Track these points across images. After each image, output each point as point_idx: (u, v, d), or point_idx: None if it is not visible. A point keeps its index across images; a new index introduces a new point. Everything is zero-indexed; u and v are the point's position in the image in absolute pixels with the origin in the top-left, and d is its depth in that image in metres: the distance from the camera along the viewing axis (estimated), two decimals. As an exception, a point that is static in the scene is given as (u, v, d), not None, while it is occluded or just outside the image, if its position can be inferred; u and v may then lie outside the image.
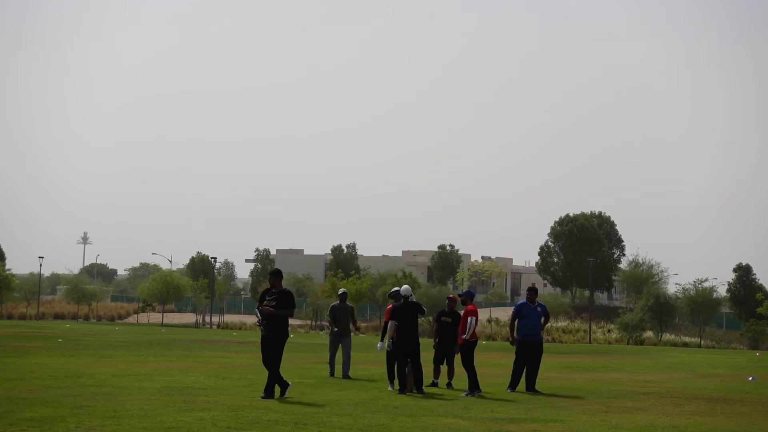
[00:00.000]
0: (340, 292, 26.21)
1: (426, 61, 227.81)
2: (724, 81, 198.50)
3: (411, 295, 21.06)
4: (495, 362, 33.86)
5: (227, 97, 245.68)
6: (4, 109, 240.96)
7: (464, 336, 20.91)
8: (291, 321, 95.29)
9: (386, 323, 21.41)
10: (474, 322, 20.94)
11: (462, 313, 21.31)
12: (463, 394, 20.35)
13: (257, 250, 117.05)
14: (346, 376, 24.27)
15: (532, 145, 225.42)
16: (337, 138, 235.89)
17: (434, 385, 22.34)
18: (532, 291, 22.07)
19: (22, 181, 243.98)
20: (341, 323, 25.35)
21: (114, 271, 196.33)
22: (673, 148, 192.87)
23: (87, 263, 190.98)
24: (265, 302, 18.22)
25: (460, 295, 21.75)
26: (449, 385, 22.28)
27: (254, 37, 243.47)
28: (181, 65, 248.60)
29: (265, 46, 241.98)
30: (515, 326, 21.72)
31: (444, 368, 22.83)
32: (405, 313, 20.58)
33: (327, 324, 26.81)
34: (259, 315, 18.19)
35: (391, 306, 21.64)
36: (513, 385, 21.43)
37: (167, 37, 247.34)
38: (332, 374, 24.79)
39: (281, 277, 18.62)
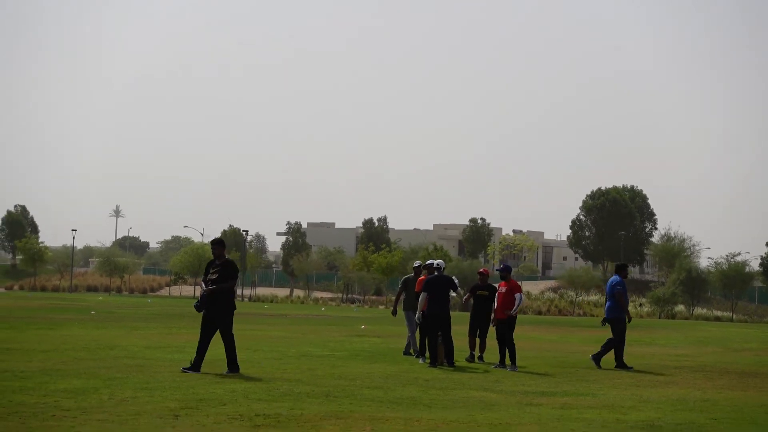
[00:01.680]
0: (415, 265, 23.17)
1: (452, 36, 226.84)
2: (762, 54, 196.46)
3: (443, 269, 20.98)
4: (527, 336, 33.81)
5: (259, 72, 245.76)
6: (38, 82, 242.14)
7: (512, 312, 20.69)
8: (321, 294, 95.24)
9: (417, 293, 21.32)
10: (521, 298, 20.87)
11: (498, 286, 21.13)
12: (495, 366, 20.36)
13: (289, 223, 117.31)
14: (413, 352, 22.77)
15: (563, 118, 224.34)
16: (368, 111, 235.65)
17: (472, 358, 22.12)
18: (626, 268, 22.13)
19: (55, 154, 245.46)
20: (415, 297, 22.11)
21: (146, 244, 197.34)
22: (705, 121, 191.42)
23: (119, 236, 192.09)
24: (210, 274, 17.51)
25: (498, 270, 21.54)
26: (480, 358, 22.20)
27: (287, 9, 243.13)
28: (208, 40, 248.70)
29: (294, 18, 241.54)
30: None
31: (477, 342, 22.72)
32: (436, 286, 20.52)
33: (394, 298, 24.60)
34: (202, 289, 17.42)
35: (423, 277, 21.45)
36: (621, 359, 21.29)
37: (208, 7, 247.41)
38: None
39: (224, 246, 17.92)
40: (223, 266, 17.45)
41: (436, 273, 20.79)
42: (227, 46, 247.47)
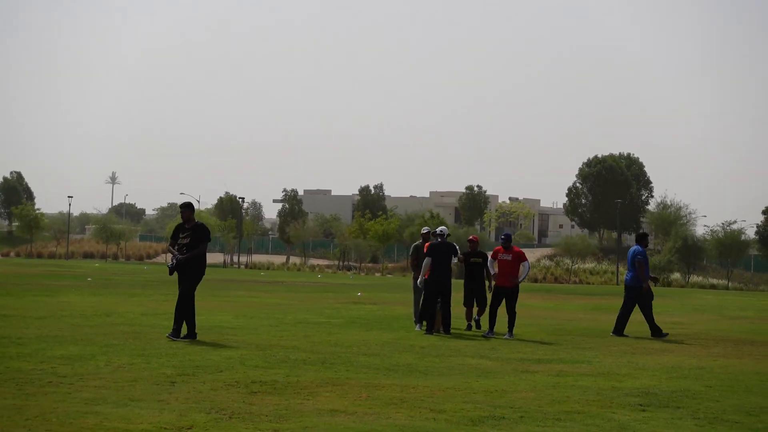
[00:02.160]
0: (423, 231, 22.40)
1: (456, 6, 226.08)
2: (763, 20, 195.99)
3: (446, 236, 20.90)
4: (522, 303, 33.83)
5: (254, 37, 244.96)
6: (35, 47, 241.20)
7: (519, 279, 20.51)
8: (317, 261, 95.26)
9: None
10: (529, 267, 20.91)
11: (496, 251, 20.85)
12: (485, 335, 20.29)
13: (285, 190, 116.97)
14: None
15: (560, 86, 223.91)
16: (366, 78, 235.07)
17: (470, 328, 21.90)
18: (646, 237, 22.11)
19: (51, 121, 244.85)
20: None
21: (142, 211, 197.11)
22: (700, 89, 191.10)
23: (115, 203, 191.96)
24: (180, 238, 17.18)
25: (502, 239, 21.26)
26: (477, 321, 21.98)
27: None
28: (202, 8, 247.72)
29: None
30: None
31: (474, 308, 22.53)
32: (439, 252, 20.47)
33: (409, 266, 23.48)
34: (172, 254, 17.12)
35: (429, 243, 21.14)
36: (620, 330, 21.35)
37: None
38: (419, 325, 21.14)
39: (194, 209, 17.59)
40: (194, 230, 17.17)
41: (438, 240, 20.75)
42: (221, 14, 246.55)
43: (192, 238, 17.06)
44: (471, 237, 22.68)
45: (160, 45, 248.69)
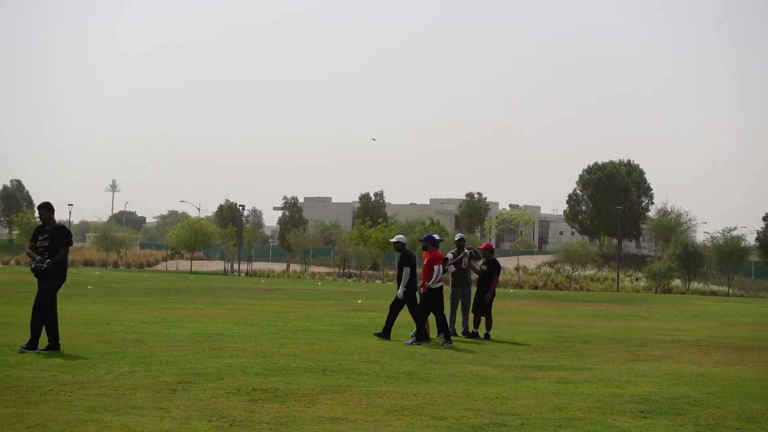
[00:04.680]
0: (456, 238, 22.81)
1: (457, 11, 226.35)
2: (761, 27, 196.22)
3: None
4: (523, 310, 33.90)
5: (254, 43, 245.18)
6: (35, 54, 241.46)
7: (429, 283, 19.72)
8: (317, 269, 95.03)
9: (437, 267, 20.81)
10: (441, 271, 19.93)
11: (428, 257, 19.86)
12: (408, 342, 19.47)
13: (285, 197, 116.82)
14: (467, 332, 22.19)
15: (560, 92, 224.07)
16: (365, 85, 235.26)
17: (475, 335, 21.77)
18: None
19: (51, 128, 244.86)
20: (461, 272, 22.35)
21: (143, 219, 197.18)
22: (703, 95, 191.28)
23: (116, 211, 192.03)
24: (39, 241, 16.19)
25: (420, 240, 20.35)
26: (487, 335, 21.73)
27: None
28: (208, 11, 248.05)
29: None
30: None
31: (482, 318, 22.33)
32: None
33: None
34: (32, 258, 16.03)
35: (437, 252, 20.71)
36: None
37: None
38: (452, 332, 21.41)
39: (53, 210, 16.36)
40: (54, 232, 16.19)
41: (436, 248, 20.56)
42: (221, 21, 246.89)
43: (51, 242, 16.12)
44: (483, 245, 22.73)
45: (160, 52, 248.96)
